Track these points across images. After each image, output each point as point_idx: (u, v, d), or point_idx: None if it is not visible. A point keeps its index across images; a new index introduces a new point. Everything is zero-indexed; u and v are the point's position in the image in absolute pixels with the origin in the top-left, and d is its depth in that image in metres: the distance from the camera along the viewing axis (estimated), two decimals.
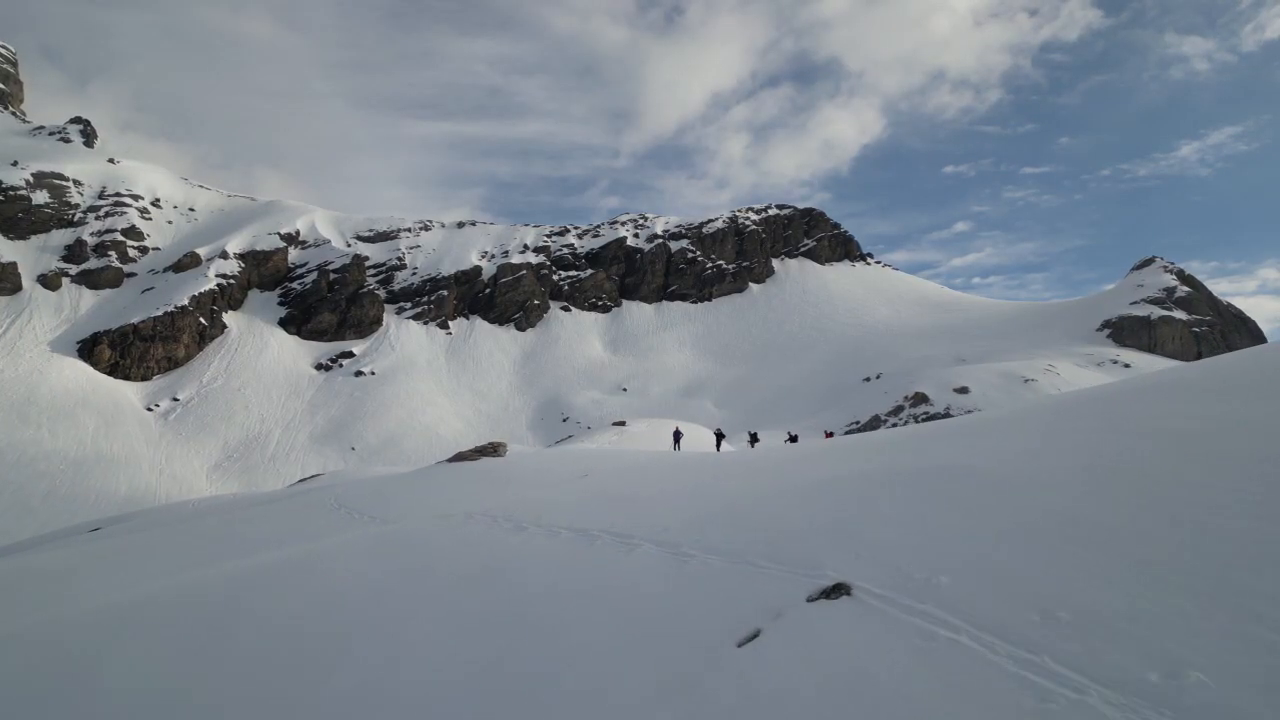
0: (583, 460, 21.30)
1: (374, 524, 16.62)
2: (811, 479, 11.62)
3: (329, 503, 20.80)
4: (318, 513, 19.89)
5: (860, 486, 10.17)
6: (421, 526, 13.84)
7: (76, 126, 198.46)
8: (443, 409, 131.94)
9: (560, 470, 19.02)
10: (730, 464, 17.81)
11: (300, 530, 18.21)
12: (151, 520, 34.02)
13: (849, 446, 16.04)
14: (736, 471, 15.39)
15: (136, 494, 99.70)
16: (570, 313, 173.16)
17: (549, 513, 12.90)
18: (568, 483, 17.47)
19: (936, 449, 12.16)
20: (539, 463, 21.09)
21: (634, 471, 17.48)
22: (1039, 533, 7.08)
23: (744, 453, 24.10)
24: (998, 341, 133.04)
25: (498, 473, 19.66)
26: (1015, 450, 10.51)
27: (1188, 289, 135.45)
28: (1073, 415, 12.44)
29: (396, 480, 21.32)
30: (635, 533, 10.18)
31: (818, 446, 19.29)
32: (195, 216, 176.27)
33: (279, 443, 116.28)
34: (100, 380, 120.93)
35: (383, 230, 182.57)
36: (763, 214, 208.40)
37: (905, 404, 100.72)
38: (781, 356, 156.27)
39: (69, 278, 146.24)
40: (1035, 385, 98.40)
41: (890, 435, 17.83)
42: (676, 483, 15.04)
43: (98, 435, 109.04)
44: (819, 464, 13.83)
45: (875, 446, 14.66)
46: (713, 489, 13.20)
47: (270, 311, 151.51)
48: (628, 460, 21.16)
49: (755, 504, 10.68)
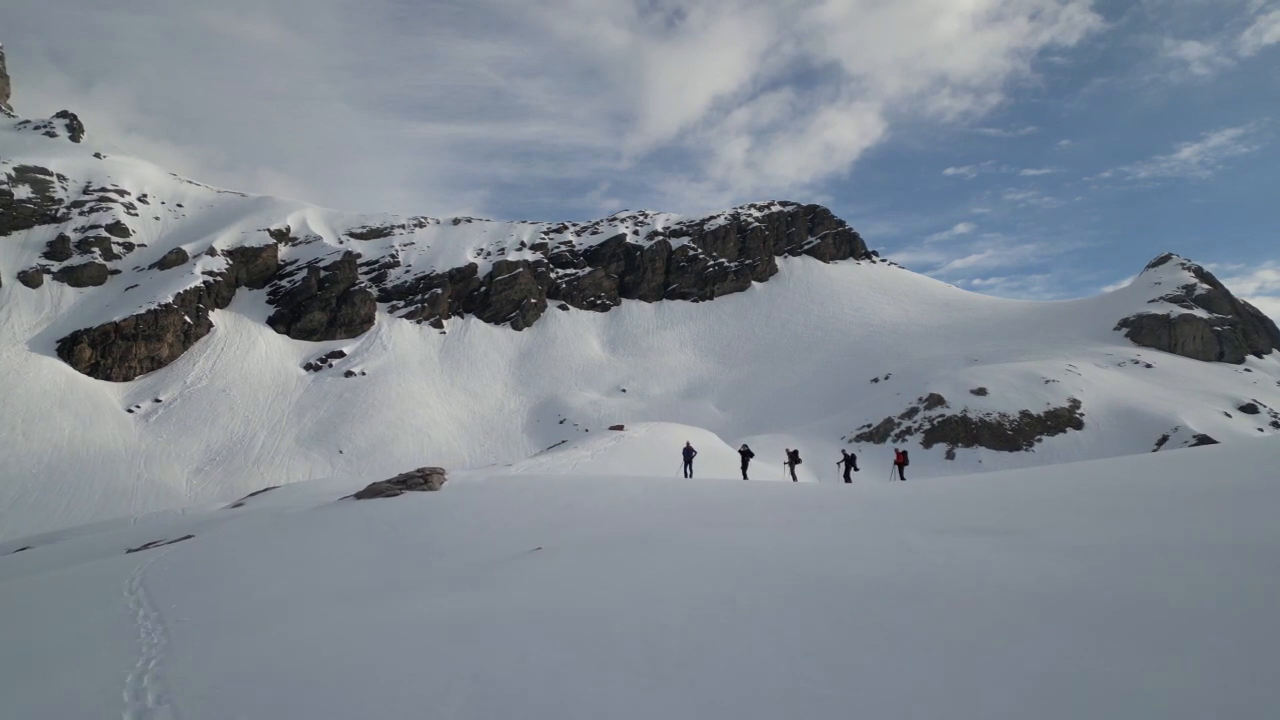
0: (553, 492, 15.51)
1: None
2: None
3: (128, 580, 13.30)
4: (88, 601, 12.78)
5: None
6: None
7: (63, 121, 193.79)
8: (435, 411, 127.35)
9: (503, 521, 13.00)
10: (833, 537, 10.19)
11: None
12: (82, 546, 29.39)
13: (1075, 497, 10.37)
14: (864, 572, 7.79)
15: (112, 499, 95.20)
16: (568, 312, 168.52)
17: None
18: (499, 567, 10.39)
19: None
20: (480, 504, 14.27)
21: (628, 542, 10.66)
22: None
23: (821, 494, 14.89)
24: (1010, 341, 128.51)
25: (407, 525, 13.26)
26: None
27: (1207, 287, 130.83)
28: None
29: (267, 529, 15.46)
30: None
31: (971, 489, 13.23)
32: (183, 212, 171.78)
33: (264, 446, 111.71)
34: (79, 380, 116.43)
35: (376, 227, 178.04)
36: (765, 211, 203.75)
37: (920, 406, 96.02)
38: (785, 357, 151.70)
39: (50, 275, 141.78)
40: (1057, 386, 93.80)
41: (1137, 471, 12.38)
42: (725, 589, 7.69)
43: (74, 438, 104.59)
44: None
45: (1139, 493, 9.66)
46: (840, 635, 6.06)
47: (258, 310, 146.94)
48: (620, 500, 14.19)
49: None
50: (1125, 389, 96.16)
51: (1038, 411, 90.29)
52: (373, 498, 14.87)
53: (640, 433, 54.58)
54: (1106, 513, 8.95)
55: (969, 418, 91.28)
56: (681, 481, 18.73)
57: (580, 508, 13.52)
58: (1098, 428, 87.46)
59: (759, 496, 14.17)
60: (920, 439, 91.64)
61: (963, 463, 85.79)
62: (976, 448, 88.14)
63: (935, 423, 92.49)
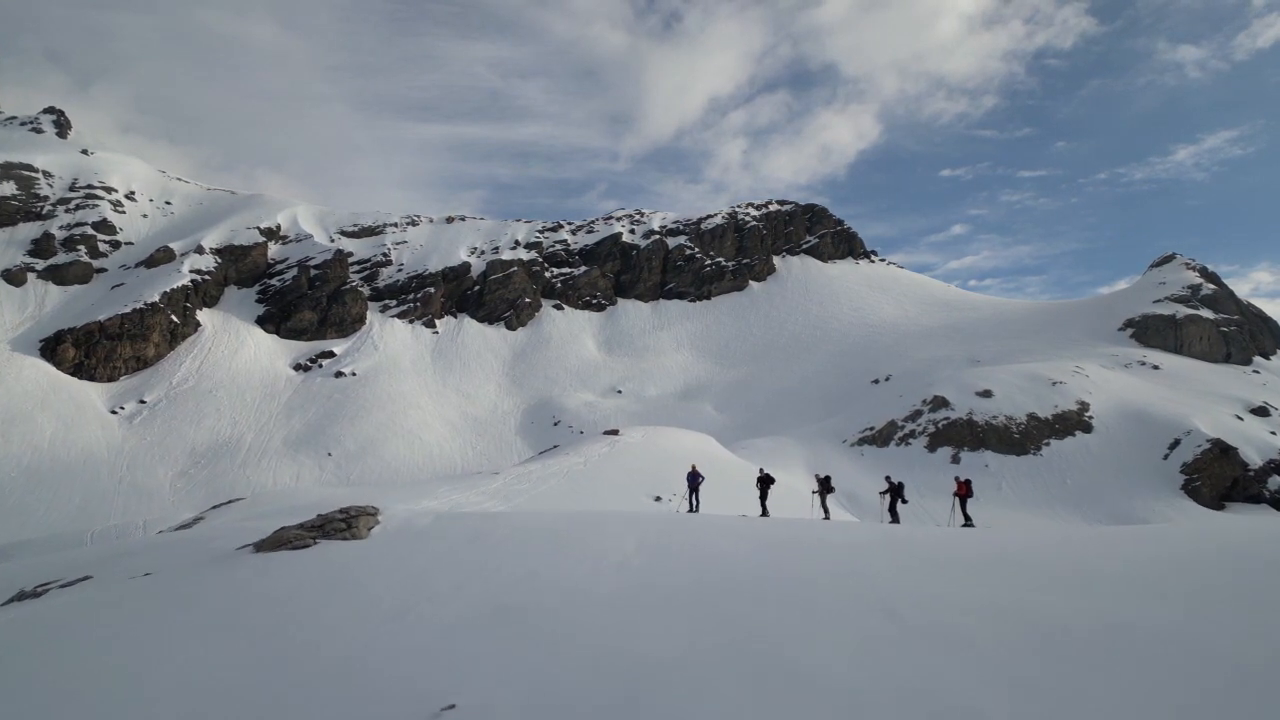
0: (514, 545, 11.62)
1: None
2: None
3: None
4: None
5: None
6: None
7: (49, 117, 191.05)
8: (427, 412, 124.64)
9: (431, 609, 8.73)
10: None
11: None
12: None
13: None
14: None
15: (92, 504, 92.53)
16: (563, 311, 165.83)
17: None
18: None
19: None
20: (410, 568, 10.57)
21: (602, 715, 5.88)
22: None
23: (902, 561, 10.46)
24: (1013, 341, 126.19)
25: (300, 607, 9.14)
26: None
27: (1213, 287, 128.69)
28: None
29: (111, 603, 8.79)
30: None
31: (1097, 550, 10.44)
32: (172, 210, 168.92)
33: (251, 448, 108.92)
34: (62, 381, 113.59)
35: (368, 225, 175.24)
36: (763, 210, 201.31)
37: (924, 408, 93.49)
38: (784, 357, 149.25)
39: (35, 273, 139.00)
40: (1064, 388, 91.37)
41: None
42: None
43: (55, 440, 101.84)
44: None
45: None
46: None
47: (247, 309, 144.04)
48: (604, 566, 10.19)
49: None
50: (1134, 391, 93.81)
51: (1045, 414, 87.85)
52: (276, 550, 11.50)
53: (636, 437, 52.09)
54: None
55: (974, 420, 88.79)
56: (687, 524, 14.78)
57: (542, 582, 9.53)
58: (1107, 431, 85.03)
59: (813, 569, 9.78)
60: (925, 442, 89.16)
61: (969, 467, 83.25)
62: (983, 451, 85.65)
63: (940, 426, 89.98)
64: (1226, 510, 73.78)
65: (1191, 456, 77.94)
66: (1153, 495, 74.78)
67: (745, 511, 26.75)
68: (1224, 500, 75.50)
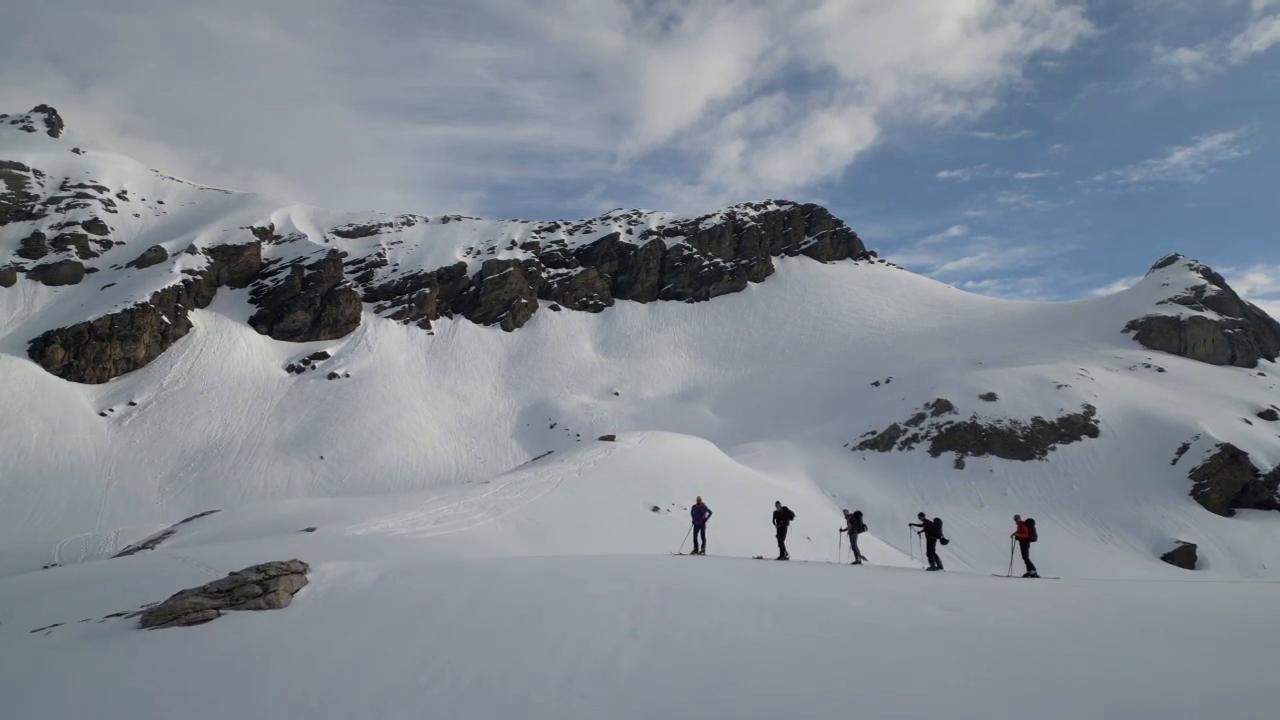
0: (472, 624, 9.27)
1: None
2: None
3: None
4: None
5: None
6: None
7: (41, 115, 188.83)
8: (421, 414, 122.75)
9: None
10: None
11: None
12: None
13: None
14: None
15: (79, 509, 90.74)
16: (560, 312, 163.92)
17: None
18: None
19: None
20: (332, 661, 8.38)
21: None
22: None
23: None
24: (1015, 344, 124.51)
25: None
26: None
27: (1217, 288, 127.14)
28: None
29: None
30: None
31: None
32: (164, 209, 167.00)
33: (242, 451, 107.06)
34: (51, 382, 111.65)
35: (363, 225, 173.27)
36: (762, 210, 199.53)
37: (927, 412, 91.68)
38: (783, 359, 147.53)
39: (24, 273, 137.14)
40: (1069, 391, 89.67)
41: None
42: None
43: (42, 443, 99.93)
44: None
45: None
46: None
47: (240, 309, 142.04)
48: (583, 672, 7.82)
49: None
50: (1140, 394, 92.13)
51: (1050, 418, 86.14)
52: (166, 624, 9.03)
53: (632, 443, 50.36)
54: None
55: (979, 424, 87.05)
56: (693, 582, 12.11)
57: (494, 702, 7.04)
58: (1114, 435, 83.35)
59: (879, 686, 7.15)
60: (928, 446, 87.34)
61: (973, 472, 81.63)
62: (987, 456, 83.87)
63: (943, 430, 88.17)
64: (1236, 517, 72.25)
65: (1201, 461, 76.30)
66: (1162, 501, 73.17)
67: (759, 549, 24.45)
68: (1234, 506, 73.95)
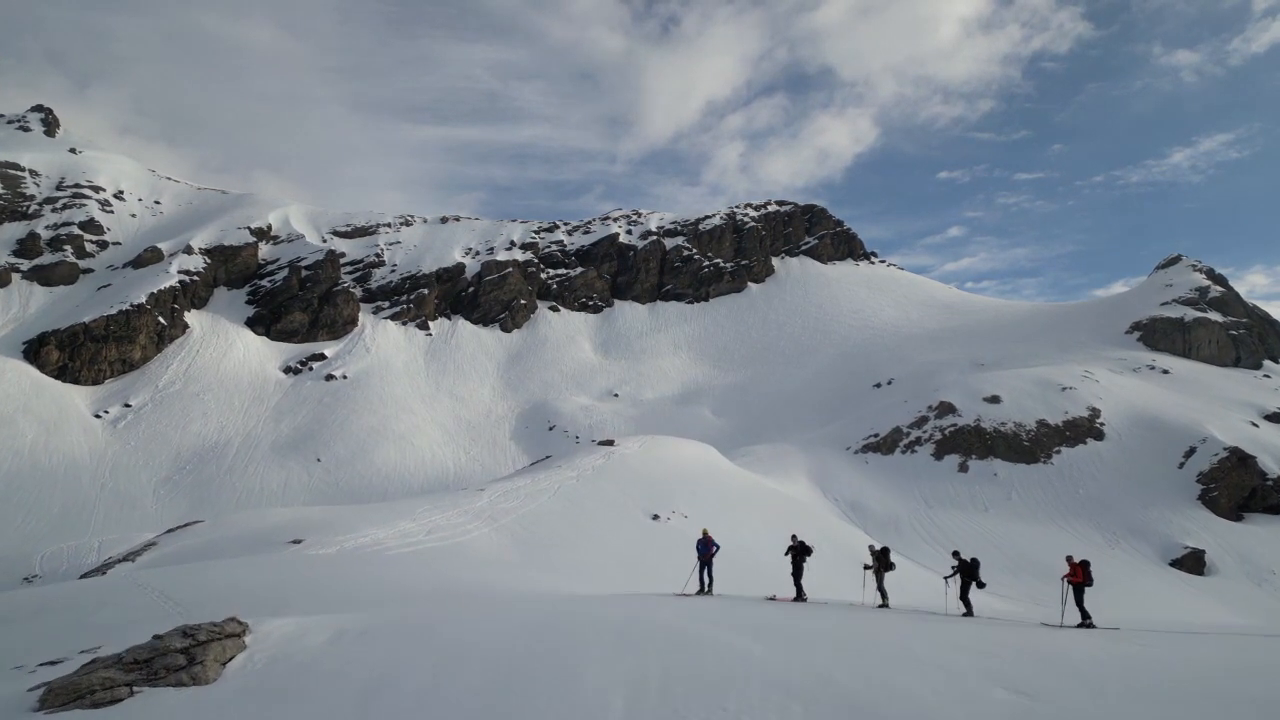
0: (432, 712, 7.81)
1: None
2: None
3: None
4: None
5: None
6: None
7: (37, 115, 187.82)
8: (419, 416, 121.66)
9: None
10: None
11: None
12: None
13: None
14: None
15: (72, 513, 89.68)
16: (559, 313, 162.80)
17: None
18: None
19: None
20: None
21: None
22: None
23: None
24: (1017, 345, 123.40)
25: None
26: None
27: (1221, 289, 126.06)
28: None
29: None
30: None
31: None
32: (161, 209, 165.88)
33: (238, 453, 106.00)
34: (46, 384, 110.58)
35: (361, 225, 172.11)
36: (762, 210, 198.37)
37: (930, 415, 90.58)
38: (783, 360, 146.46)
39: (20, 273, 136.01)
40: (1074, 394, 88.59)
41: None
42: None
43: (36, 445, 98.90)
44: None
45: None
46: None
47: (237, 310, 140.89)
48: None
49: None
50: (1145, 396, 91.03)
51: (1055, 421, 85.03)
52: (68, 706, 7.55)
53: (632, 448, 49.31)
54: None
55: (983, 427, 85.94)
56: (699, 635, 10.95)
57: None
58: (1120, 439, 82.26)
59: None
60: (931, 450, 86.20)
61: (977, 476, 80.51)
62: (991, 460, 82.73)
63: (947, 433, 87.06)
64: (1245, 522, 71.22)
65: (1208, 465, 75.22)
66: (1169, 506, 72.09)
67: (762, 559, 23.26)
68: (1242, 511, 72.91)
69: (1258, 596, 60.39)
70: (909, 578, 33.65)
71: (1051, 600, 56.08)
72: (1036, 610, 50.47)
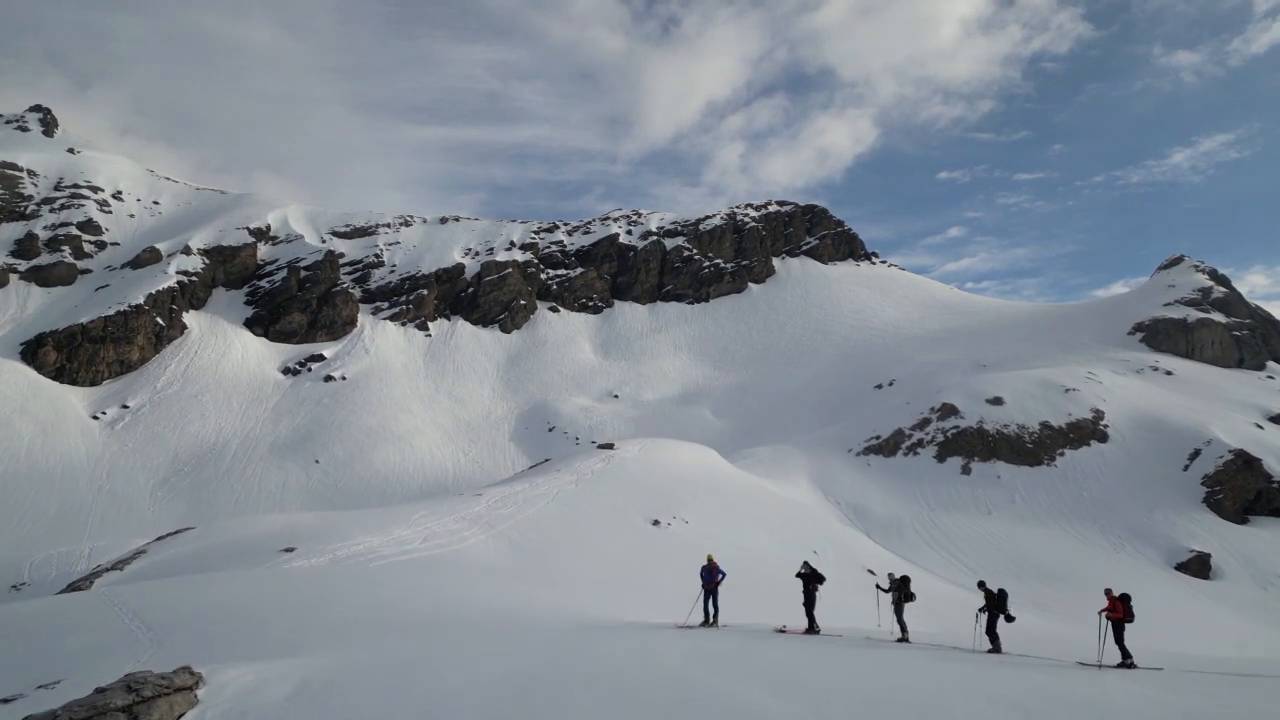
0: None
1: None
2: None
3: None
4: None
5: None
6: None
7: (35, 115, 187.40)
8: (418, 418, 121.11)
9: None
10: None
11: None
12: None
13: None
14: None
15: (69, 515, 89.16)
16: (559, 314, 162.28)
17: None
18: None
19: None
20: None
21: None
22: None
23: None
24: (1019, 346, 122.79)
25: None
26: None
27: (1224, 290, 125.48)
28: None
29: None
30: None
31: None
32: (159, 210, 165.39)
33: (236, 455, 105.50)
34: (43, 385, 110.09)
35: (360, 225, 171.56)
36: (762, 211, 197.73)
37: (932, 416, 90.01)
38: (784, 361, 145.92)
39: (18, 274, 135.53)
40: (1077, 395, 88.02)
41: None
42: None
43: (33, 447, 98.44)
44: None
45: None
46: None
47: (236, 311, 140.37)
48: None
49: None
50: (1149, 398, 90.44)
51: (1059, 423, 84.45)
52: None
53: (632, 451, 48.75)
54: None
55: (985, 429, 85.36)
56: (700, 680, 10.31)
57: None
58: (1124, 441, 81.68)
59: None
60: (934, 452, 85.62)
61: (979, 478, 79.93)
62: (994, 462, 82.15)
63: (949, 435, 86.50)
64: (1250, 525, 70.65)
65: (1213, 468, 74.64)
66: (1173, 509, 71.52)
67: (765, 566, 22.60)
68: (1247, 514, 72.34)
69: (1264, 600, 59.89)
70: (913, 580, 33.13)
71: (1054, 602, 55.56)
72: (1041, 616, 49.85)
